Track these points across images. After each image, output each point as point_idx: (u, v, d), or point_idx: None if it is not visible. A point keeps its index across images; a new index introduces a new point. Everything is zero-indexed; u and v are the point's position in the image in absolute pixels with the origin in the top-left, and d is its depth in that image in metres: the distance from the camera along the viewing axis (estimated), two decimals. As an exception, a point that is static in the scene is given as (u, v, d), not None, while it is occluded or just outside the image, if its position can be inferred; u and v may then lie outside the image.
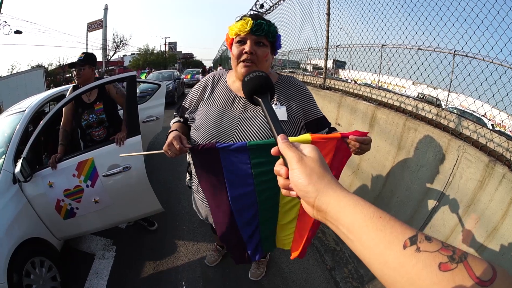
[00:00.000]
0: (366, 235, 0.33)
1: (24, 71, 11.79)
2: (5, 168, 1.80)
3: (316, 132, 1.24)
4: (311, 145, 0.46)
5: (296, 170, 0.42)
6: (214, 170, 1.15)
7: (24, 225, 1.74)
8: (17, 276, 1.52)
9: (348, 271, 1.98)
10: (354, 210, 0.35)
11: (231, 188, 1.18)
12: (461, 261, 0.27)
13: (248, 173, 1.12)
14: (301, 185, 0.41)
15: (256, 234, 1.32)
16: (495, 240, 1.34)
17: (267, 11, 5.94)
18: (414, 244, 0.29)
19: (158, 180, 3.44)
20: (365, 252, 0.33)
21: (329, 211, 0.38)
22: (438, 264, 0.27)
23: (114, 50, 28.74)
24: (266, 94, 0.67)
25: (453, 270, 0.26)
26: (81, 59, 2.23)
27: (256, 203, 1.20)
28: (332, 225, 0.38)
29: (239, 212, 1.23)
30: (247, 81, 0.70)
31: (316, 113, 1.25)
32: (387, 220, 0.33)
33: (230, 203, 1.20)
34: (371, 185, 2.36)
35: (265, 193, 1.18)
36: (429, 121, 1.93)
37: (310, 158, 0.43)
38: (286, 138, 0.48)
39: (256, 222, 1.27)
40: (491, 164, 1.43)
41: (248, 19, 1.08)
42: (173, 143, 1.09)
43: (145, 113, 3.21)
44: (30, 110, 2.19)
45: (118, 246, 2.39)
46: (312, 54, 4.77)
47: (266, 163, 1.10)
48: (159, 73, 12.25)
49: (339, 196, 0.38)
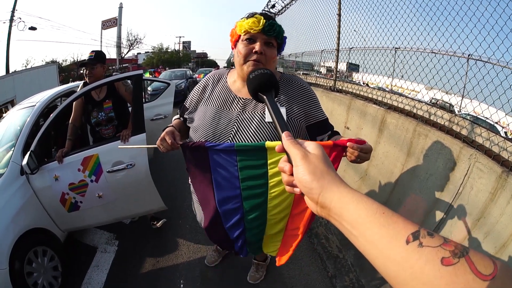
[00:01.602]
0: (369, 230, 0.34)
1: (38, 66, 12.12)
2: (13, 160, 1.86)
3: (317, 135, 1.20)
4: (315, 143, 0.47)
5: (300, 167, 0.43)
6: (203, 169, 1.15)
7: (29, 215, 1.80)
8: (19, 263, 1.57)
9: (349, 280, 1.92)
10: (358, 206, 0.36)
11: (218, 189, 1.16)
12: (463, 255, 0.27)
13: (235, 176, 1.11)
14: (305, 181, 0.42)
15: (242, 236, 1.30)
16: (503, 257, 1.25)
17: (279, 12, 5.90)
18: (417, 239, 0.30)
19: (166, 178, 3.46)
20: (369, 247, 0.34)
21: (332, 208, 0.39)
22: (441, 259, 0.28)
23: (128, 48, 29.45)
24: (270, 92, 0.67)
25: (455, 265, 0.27)
26: (92, 58, 2.23)
27: (241, 208, 1.18)
28: (336, 221, 0.39)
29: (225, 215, 1.21)
30: (252, 78, 0.70)
31: (318, 116, 1.20)
32: (390, 215, 0.34)
33: (216, 205, 1.19)
34: (378, 192, 2.29)
35: (251, 200, 1.15)
36: (441, 127, 1.84)
37: (314, 155, 0.44)
38: (291, 136, 0.49)
39: (241, 227, 1.25)
40: (504, 176, 1.34)
41: (260, 17, 1.03)
42: (165, 138, 1.09)
43: (154, 111, 3.25)
44: (41, 104, 2.26)
45: (120, 240, 2.42)
46: (326, 56, 4.71)
47: (254, 167, 1.08)
48: (172, 72, 12.45)
49: (343, 193, 0.38)
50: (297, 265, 2.11)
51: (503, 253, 1.26)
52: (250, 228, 1.25)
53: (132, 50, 30.61)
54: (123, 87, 2.31)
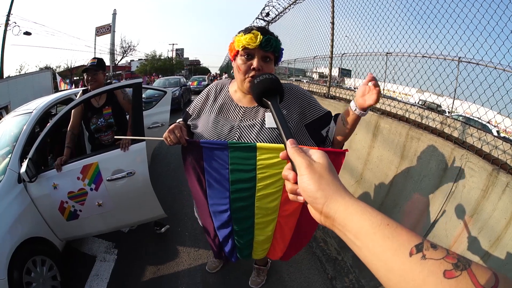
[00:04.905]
0: (373, 242, 0.34)
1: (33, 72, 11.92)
2: (10, 168, 1.84)
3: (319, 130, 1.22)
4: (320, 151, 0.46)
5: (305, 176, 0.42)
6: (198, 170, 1.21)
7: (27, 224, 1.77)
8: (17, 273, 1.54)
9: (349, 281, 1.94)
10: (362, 217, 0.36)
11: (209, 190, 1.23)
12: (465, 268, 0.28)
13: (226, 178, 1.16)
14: (310, 191, 0.41)
15: (230, 239, 1.37)
16: (498, 250, 1.31)
17: (273, 20, 6.03)
18: (420, 252, 0.30)
19: (163, 187, 3.45)
20: (372, 258, 0.34)
21: (337, 218, 0.38)
22: (443, 272, 0.28)
23: (122, 55, 29.33)
24: (275, 97, 0.66)
25: (457, 278, 0.27)
26: (95, 64, 2.24)
27: (229, 210, 1.24)
28: (340, 231, 0.39)
29: (214, 214, 1.29)
30: (257, 83, 0.70)
31: (316, 113, 1.23)
32: (394, 227, 0.34)
33: (208, 205, 1.26)
34: (374, 194, 2.34)
35: (239, 202, 1.22)
36: (432, 130, 1.92)
37: (319, 164, 0.43)
38: (295, 143, 0.48)
39: (230, 228, 1.31)
40: (495, 173, 1.41)
41: (257, 33, 1.06)
42: (174, 130, 1.12)
43: (151, 120, 3.26)
44: (38, 111, 2.24)
45: (120, 249, 2.40)
46: (318, 62, 4.80)
47: (243, 171, 1.14)
48: (165, 79, 12.44)
49: (347, 203, 0.38)
50: (297, 268, 2.13)
51: (498, 246, 1.32)
52: (238, 230, 1.32)
53: (126, 57, 30.56)
54: (121, 94, 2.33)
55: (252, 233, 1.34)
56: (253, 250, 1.48)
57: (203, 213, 1.36)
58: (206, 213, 1.33)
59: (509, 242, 1.28)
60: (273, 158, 1.09)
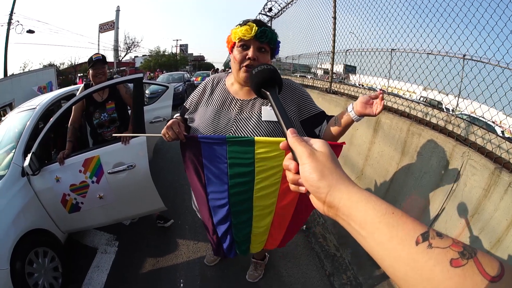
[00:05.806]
0: (378, 231, 0.33)
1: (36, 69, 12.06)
2: (14, 162, 1.88)
3: (313, 128, 1.24)
4: (322, 140, 0.45)
5: (307, 165, 0.41)
6: (197, 165, 1.21)
7: (30, 216, 1.81)
8: (20, 264, 1.58)
9: (347, 278, 1.95)
10: (367, 206, 0.35)
11: (208, 184, 1.23)
12: (471, 257, 0.28)
13: (224, 172, 1.17)
14: (312, 180, 0.40)
15: (229, 234, 1.38)
16: (499, 252, 1.29)
17: (276, 15, 5.98)
18: (426, 240, 0.30)
19: (165, 181, 3.48)
20: (378, 248, 0.33)
21: (341, 207, 0.37)
22: (450, 260, 0.28)
23: (126, 51, 29.38)
24: (274, 88, 0.65)
25: (464, 266, 0.27)
26: (101, 58, 2.27)
27: (228, 204, 1.24)
28: (344, 221, 0.38)
29: (213, 208, 1.29)
30: (255, 73, 0.68)
31: (311, 111, 1.25)
32: (399, 216, 0.33)
33: (207, 199, 1.27)
34: (374, 190, 2.33)
35: (238, 196, 1.22)
36: (434, 126, 1.89)
37: (321, 153, 0.42)
38: (296, 132, 0.47)
39: (228, 222, 1.32)
40: (497, 172, 1.38)
41: (252, 24, 1.08)
42: (172, 127, 1.12)
43: (153, 114, 3.27)
44: (41, 107, 2.28)
45: (120, 241, 2.43)
46: (323, 58, 4.76)
47: (242, 165, 1.14)
48: (169, 75, 12.48)
49: (351, 192, 0.37)
50: (295, 264, 2.14)
51: (498, 248, 1.30)
52: (236, 223, 1.32)
53: (130, 54, 30.64)
54: (124, 89, 2.35)
55: (250, 226, 1.35)
56: (250, 244, 1.49)
57: (203, 208, 1.37)
58: (205, 208, 1.34)
59: (510, 245, 1.25)
60: (271, 152, 1.10)
